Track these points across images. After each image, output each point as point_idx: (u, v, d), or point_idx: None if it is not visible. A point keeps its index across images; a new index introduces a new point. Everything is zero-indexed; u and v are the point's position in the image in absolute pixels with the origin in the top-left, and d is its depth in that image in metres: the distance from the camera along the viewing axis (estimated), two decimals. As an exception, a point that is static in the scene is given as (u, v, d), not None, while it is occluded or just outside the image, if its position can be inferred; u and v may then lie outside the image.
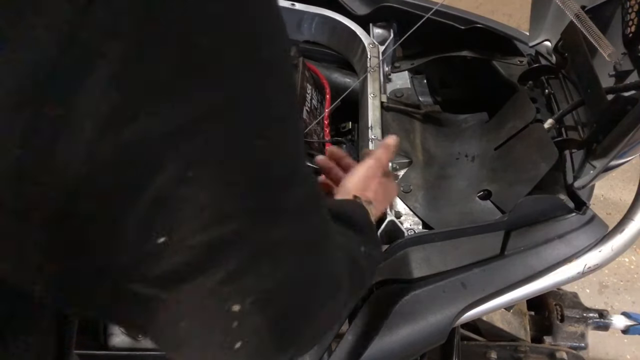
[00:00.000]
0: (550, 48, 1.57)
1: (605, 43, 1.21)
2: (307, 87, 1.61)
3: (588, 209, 1.30)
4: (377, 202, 1.03)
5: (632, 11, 1.25)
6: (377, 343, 1.13)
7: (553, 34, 1.54)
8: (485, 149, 1.51)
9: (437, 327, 1.17)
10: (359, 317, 1.17)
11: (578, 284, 2.58)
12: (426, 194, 1.42)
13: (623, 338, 2.35)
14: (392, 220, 1.32)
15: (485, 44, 1.70)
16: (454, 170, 1.50)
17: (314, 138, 1.53)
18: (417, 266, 1.21)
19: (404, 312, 1.17)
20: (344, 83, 1.80)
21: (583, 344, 1.83)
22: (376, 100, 1.59)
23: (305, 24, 1.83)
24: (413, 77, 1.77)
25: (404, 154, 1.50)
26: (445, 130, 1.64)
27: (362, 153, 1.27)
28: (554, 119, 1.40)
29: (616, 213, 2.74)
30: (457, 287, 1.21)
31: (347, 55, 1.84)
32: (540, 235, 1.28)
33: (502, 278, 1.23)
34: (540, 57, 1.62)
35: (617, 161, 1.21)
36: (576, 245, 1.28)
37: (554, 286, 1.28)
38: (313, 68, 1.75)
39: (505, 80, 1.64)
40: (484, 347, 1.70)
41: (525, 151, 1.38)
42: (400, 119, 1.58)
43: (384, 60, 1.73)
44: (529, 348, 1.73)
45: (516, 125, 1.45)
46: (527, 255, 1.26)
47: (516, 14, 3.61)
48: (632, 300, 2.65)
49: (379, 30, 1.83)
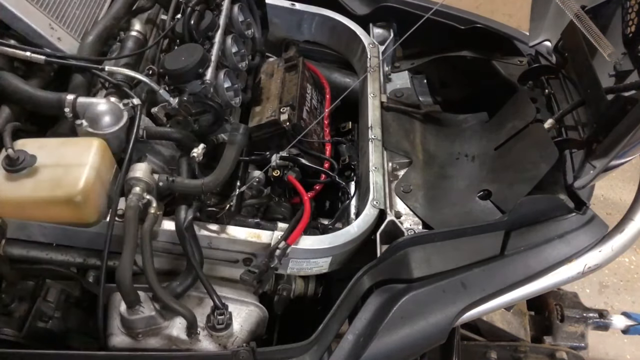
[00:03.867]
0: (550, 48, 1.57)
1: (605, 43, 1.21)
2: (307, 87, 1.61)
3: (588, 209, 1.31)
4: None
5: (632, 11, 1.25)
6: (377, 343, 1.13)
7: (553, 34, 1.54)
8: (485, 149, 1.51)
9: (437, 327, 1.17)
10: (359, 317, 1.17)
11: (578, 284, 2.58)
12: (426, 194, 1.42)
13: (623, 338, 2.34)
14: (392, 220, 1.32)
15: (485, 44, 1.70)
16: (454, 170, 1.50)
17: (314, 138, 1.53)
18: (417, 266, 1.21)
19: (404, 312, 1.17)
20: (344, 83, 1.80)
21: (583, 344, 1.83)
22: (376, 100, 1.59)
23: (305, 24, 1.83)
24: (413, 77, 1.77)
25: (404, 154, 1.50)
26: (445, 130, 1.64)
27: None
28: (554, 119, 1.40)
29: (616, 213, 2.74)
30: (457, 287, 1.21)
31: (347, 55, 1.84)
32: (540, 235, 1.28)
33: (502, 278, 1.23)
34: (540, 57, 1.62)
35: (617, 161, 1.21)
36: (576, 245, 1.28)
37: (554, 286, 1.28)
38: (313, 68, 1.75)
39: (505, 80, 1.64)
40: (484, 347, 1.70)
41: (525, 151, 1.38)
42: (400, 119, 1.58)
43: (384, 60, 1.73)
44: (529, 348, 1.73)
45: (516, 125, 1.45)
46: (527, 255, 1.26)
47: (516, 14, 3.60)
48: (632, 300, 2.64)
49: (379, 30, 1.83)
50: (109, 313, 1.21)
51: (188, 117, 1.35)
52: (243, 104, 1.50)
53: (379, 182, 1.38)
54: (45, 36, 1.31)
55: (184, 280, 1.19)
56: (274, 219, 1.35)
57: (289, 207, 1.41)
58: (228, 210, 1.24)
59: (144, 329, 1.16)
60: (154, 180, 1.21)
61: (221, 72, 1.38)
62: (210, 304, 1.17)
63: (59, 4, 1.37)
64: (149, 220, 1.16)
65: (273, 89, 1.57)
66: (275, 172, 1.40)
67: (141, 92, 1.36)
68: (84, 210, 1.14)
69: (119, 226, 1.16)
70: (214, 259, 1.29)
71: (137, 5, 1.53)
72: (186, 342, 1.18)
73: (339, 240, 1.28)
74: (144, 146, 1.31)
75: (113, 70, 1.30)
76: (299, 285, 1.39)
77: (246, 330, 1.23)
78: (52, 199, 1.12)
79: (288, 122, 1.43)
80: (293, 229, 1.25)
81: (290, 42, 1.81)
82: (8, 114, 1.24)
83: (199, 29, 1.40)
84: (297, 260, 1.28)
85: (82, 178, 1.11)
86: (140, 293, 1.14)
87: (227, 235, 1.24)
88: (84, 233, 1.21)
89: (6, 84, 1.23)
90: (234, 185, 1.34)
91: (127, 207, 1.16)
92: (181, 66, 1.30)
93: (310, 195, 1.40)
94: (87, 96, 1.26)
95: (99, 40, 1.39)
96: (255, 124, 1.48)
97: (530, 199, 1.26)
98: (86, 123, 1.21)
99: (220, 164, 1.23)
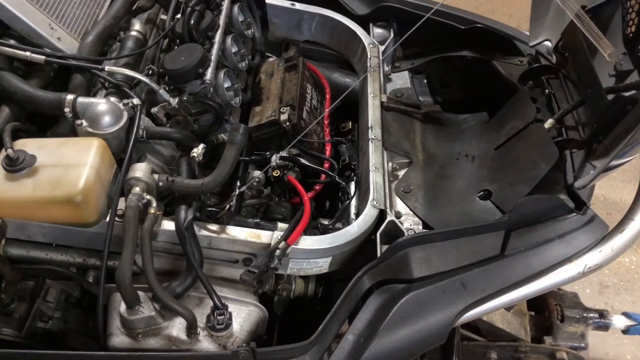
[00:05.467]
0: (551, 48, 1.57)
1: (606, 43, 1.20)
2: (307, 87, 1.61)
3: (588, 209, 1.30)
4: None
5: (632, 11, 1.25)
6: (377, 343, 1.13)
7: (553, 33, 1.54)
8: (486, 149, 1.51)
9: (437, 327, 1.17)
10: (358, 317, 1.17)
11: (578, 284, 2.57)
12: (426, 194, 1.42)
13: (623, 338, 2.34)
14: (392, 220, 1.32)
15: (485, 44, 1.70)
16: (454, 170, 1.50)
17: (314, 138, 1.53)
18: (417, 266, 1.21)
19: (404, 312, 1.17)
20: (344, 83, 1.80)
21: (583, 344, 1.83)
22: (376, 100, 1.59)
23: (305, 24, 1.83)
24: (413, 77, 1.77)
25: (404, 154, 1.50)
26: (445, 130, 1.63)
27: None
28: (554, 118, 1.40)
29: (616, 213, 2.74)
30: (457, 287, 1.21)
31: (347, 55, 1.84)
32: (541, 235, 1.28)
33: (502, 278, 1.23)
34: (540, 57, 1.62)
35: (617, 161, 1.21)
36: (576, 246, 1.28)
37: (554, 286, 1.28)
38: (313, 68, 1.75)
39: (505, 80, 1.64)
40: (484, 347, 1.70)
41: (525, 151, 1.38)
42: (400, 119, 1.58)
43: (384, 60, 1.73)
44: (529, 348, 1.72)
45: (516, 125, 1.45)
46: (527, 256, 1.26)
47: (516, 14, 3.60)
48: (632, 300, 2.64)
49: (379, 30, 1.83)
50: (109, 313, 1.21)
51: (188, 117, 1.35)
52: (243, 104, 1.50)
53: (379, 182, 1.38)
54: (45, 36, 1.31)
55: (183, 280, 1.19)
56: (274, 219, 1.35)
57: (289, 207, 1.41)
58: (228, 211, 1.24)
59: (144, 329, 1.16)
60: (153, 180, 1.21)
61: (221, 72, 1.38)
62: (210, 304, 1.17)
63: (59, 4, 1.37)
64: (149, 220, 1.16)
65: (273, 89, 1.57)
66: (275, 172, 1.40)
67: (141, 92, 1.36)
68: (83, 210, 1.14)
69: (119, 226, 1.16)
70: (214, 259, 1.29)
71: (137, 5, 1.53)
72: (186, 342, 1.18)
73: (339, 240, 1.27)
74: (144, 146, 1.31)
75: (113, 70, 1.30)
76: (299, 285, 1.39)
77: (246, 331, 1.23)
78: (52, 199, 1.12)
79: (288, 122, 1.43)
80: (293, 229, 1.25)
81: (290, 42, 1.81)
82: (8, 114, 1.24)
83: (199, 29, 1.40)
84: (297, 260, 1.27)
85: (82, 178, 1.11)
86: (140, 293, 1.13)
87: (227, 235, 1.24)
88: (84, 233, 1.21)
89: (6, 84, 1.23)
90: (234, 185, 1.34)
91: (127, 207, 1.16)
92: (181, 66, 1.30)
93: (310, 196, 1.40)
94: (87, 96, 1.26)
95: (98, 40, 1.39)
96: (255, 124, 1.48)
97: (531, 199, 1.26)
98: (86, 123, 1.21)
99: (220, 164, 1.23)
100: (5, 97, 1.25)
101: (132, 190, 1.18)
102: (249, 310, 1.27)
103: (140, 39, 1.46)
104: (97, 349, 1.19)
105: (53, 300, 1.23)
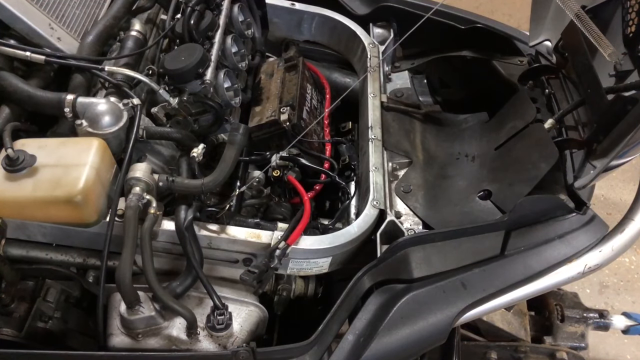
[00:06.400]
0: (551, 48, 1.57)
1: (606, 43, 1.20)
2: (307, 87, 1.61)
3: (588, 209, 1.30)
4: None
5: (632, 11, 1.25)
6: (377, 343, 1.13)
7: (553, 33, 1.54)
8: (486, 149, 1.50)
9: (437, 327, 1.17)
10: (358, 317, 1.16)
11: (578, 284, 2.58)
12: (426, 194, 1.42)
13: (623, 338, 2.35)
14: (392, 220, 1.32)
15: (485, 44, 1.70)
16: (454, 170, 1.50)
17: (314, 138, 1.53)
18: (417, 266, 1.21)
19: (404, 312, 1.17)
20: (344, 83, 1.80)
21: (583, 344, 1.83)
22: (376, 100, 1.59)
23: (305, 24, 1.83)
24: (413, 77, 1.77)
25: (404, 154, 1.50)
26: (445, 130, 1.63)
27: None
28: (554, 119, 1.40)
29: (616, 213, 2.74)
30: (457, 287, 1.21)
31: (347, 55, 1.84)
32: (541, 235, 1.28)
33: (502, 278, 1.23)
34: (540, 57, 1.62)
35: (617, 161, 1.21)
36: (576, 246, 1.28)
37: (554, 286, 1.28)
38: (313, 68, 1.75)
39: (505, 80, 1.64)
40: (484, 347, 1.70)
41: (525, 151, 1.38)
42: (400, 119, 1.58)
43: (384, 60, 1.73)
44: (529, 348, 1.73)
45: (516, 125, 1.45)
46: (527, 256, 1.26)
47: (516, 14, 3.61)
48: (632, 300, 2.64)
49: (379, 30, 1.82)
50: (109, 313, 1.21)
51: (188, 117, 1.35)
52: (243, 104, 1.50)
53: (379, 182, 1.38)
54: (45, 36, 1.31)
55: (183, 280, 1.19)
56: (274, 219, 1.35)
57: (289, 207, 1.41)
58: (228, 211, 1.24)
59: (144, 329, 1.16)
60: (153, 180, 1.21)
61: (221, 72, 1.38)
62: (210, 304, 1.17)
63: (59, 4, 1.37)
64: (149, 220, 1.16)
65: (273, 89, 1.57)
66: (275, 172, 1.40)
67: (141, 92, 1.36)
68: (83, 210, 1.14)
69: (119, 226, 1.16)
70: (214, 259, 1.29)
71: (137, 5, 1.53)
72: (186, 342, 1.18)
73: (339, 240, 1.27)
74: (144, 146, 1.31)
75: (113, 70, 1.30)
76: (299, 285, 1.39)
77: (246, 331, 1.23)
78: (52, 199, 1.12)
79: (288, 122, 1.43)
80: (293, 229, 1.25)
81: (290, 42, 1.81)
82: (8, 114, 1.24)
83: (198, 29, 1.40)
84: (297, 260, 1.27)
85: (82, 178, 1.11)
86: (140, 293, 1.13)
87: (227, 235, 1.24)
88: (84, 233, 1.21)
89: (6, 84, 1.23)
90: (234, 185, 1.34)
91: (127, 207, 1.16)
92: (181, 66, 1.30)
93: (310, 196, 1.40)
94: (87, 96, 1.26)
95: (98, 40, 1.39)
96: (255, 124, 1.48)
97: (531, 199, 1.26)
98: (86, 123, 1.20)
99: (220, 164, 1.23)
100: (5, 97, 1.24)
101: (132, 190, 1.18)
102: (249, 310, 1.27)
103: (140, 39, 1.45)
104: (97, 349, 1.19)
105: (53, 300, 1.23)
